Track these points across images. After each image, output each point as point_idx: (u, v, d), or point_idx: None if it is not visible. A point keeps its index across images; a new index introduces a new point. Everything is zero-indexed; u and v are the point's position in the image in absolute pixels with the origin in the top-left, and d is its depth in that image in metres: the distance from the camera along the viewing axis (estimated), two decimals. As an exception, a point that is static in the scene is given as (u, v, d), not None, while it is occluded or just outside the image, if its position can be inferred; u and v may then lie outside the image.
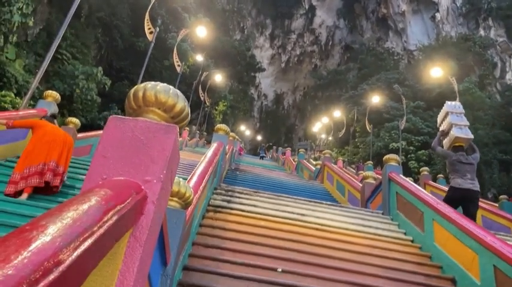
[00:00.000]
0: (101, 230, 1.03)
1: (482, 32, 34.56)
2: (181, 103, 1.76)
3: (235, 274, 3.59)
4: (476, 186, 5.73)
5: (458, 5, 38.87)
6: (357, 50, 53.30)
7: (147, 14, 16.39)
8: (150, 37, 16.69)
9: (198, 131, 33.67)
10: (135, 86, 1.77)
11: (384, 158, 7.17)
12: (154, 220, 1.48)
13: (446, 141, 6.36)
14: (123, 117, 1.62)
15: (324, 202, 7.07)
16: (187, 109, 1.80)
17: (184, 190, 2.72)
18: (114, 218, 1.13)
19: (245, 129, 55.88)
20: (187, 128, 27.88)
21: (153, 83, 1.78)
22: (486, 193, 23.15)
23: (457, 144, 6.08)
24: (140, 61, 16.29)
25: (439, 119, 6.83)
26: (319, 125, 46.23)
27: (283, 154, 28.28)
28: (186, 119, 1.81)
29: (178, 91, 1.79)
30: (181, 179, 2.76)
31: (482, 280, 3.87)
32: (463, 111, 6.56)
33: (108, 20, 24.08)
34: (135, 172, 1.49)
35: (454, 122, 6.28)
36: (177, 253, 2.72)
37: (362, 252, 4.68)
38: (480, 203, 10.52)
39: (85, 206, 1.07)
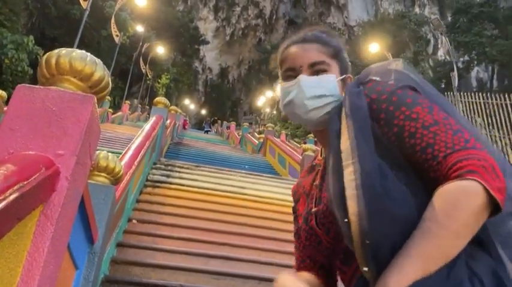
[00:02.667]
0: (-4, 209, 0.94)
1: (417, 10, 36.08)
2: (100, 71, 1.64)
3: (171, 249, 3.56)
4: None
5: (396, -18, 40.16)
6: (300, 25, 53.47)
7: (79, -22, 15.37)
8: (84, 4, 15.73)
9: (139, 105, 32.61)
10: (48, 53, 1.63)
11: (322, 131, 7.33)
12: (68, 196, 1.39)
13: None
14: (33, 86, 1.49)
15: (265, 175, 7.17)
16: (107, 78, 1.69)
17: (114, 165, 2.61)
18: (14, 196, 1.03)
19: (190, 103, 54.93)
20: (128, 102, 26.85)
21: (68, 49, 1.64)
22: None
23: None
24: (76, 30, 15.29)
25: None
26: (264, 99, 46.46)
27: (228, 128, 28.21)
28: (106, 89, 1.70)
29: (96, 59, 1.67)
30: (110, 153, 2.63)
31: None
32: None
33: (39, -16, 22.27)
34: (46, 145, 1.38)
35: None
36: (107, 229, 2.62)
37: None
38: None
39: (-21, 184, 0.97)
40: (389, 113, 0.88)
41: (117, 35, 21.51)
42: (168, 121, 10.56)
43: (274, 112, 41.85)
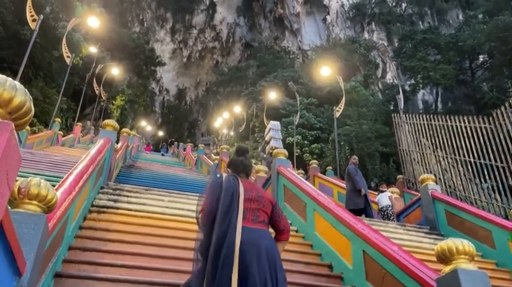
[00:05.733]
0: None
1: (366, 35, 37.80)
2: (20, 97, 1.59)
3: (113, 277, 3.43)
4: None
5: (346, 9, 41.94)
6: (256, 48, 54.53)
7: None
8: (32, 25, 15.39)
9: (93, 127, 31.67)
10: (-37, 78, 1.56)
11: (273, 153, 7.43)
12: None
13: (268, 148, 8.66)
14: None
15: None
16: (29, 104, 1.64)
17: (46, 192, 2.50)
18: None
19: (146, 125, 53.96)
20: (81, 124, 26.02)
21: (-15, 74, 1.59)
22: (370, 182, 25.33)
23: (271, 151, 7.88)
24: (25, 51, 14.87)
25: (265, 132, 11.67)
26: (221, 121, 46.50)
27: (184, 149, 27.92)
28: (27, 115, 1.65)
29: (17, 83, 1.62)
30: (42, 180, 2.53)
31: (353, 264, 4.20)
32: (279, 128, 11.73)
33: (-14, 5, 21.37)
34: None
35: (273, 135, 9.81)
36: (39, 260, 2.49)
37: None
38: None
39: None
40: None
41: (68, 56, 20.98)
42: (120, 144, 10.32)
43: (232, 133, 41.92)
